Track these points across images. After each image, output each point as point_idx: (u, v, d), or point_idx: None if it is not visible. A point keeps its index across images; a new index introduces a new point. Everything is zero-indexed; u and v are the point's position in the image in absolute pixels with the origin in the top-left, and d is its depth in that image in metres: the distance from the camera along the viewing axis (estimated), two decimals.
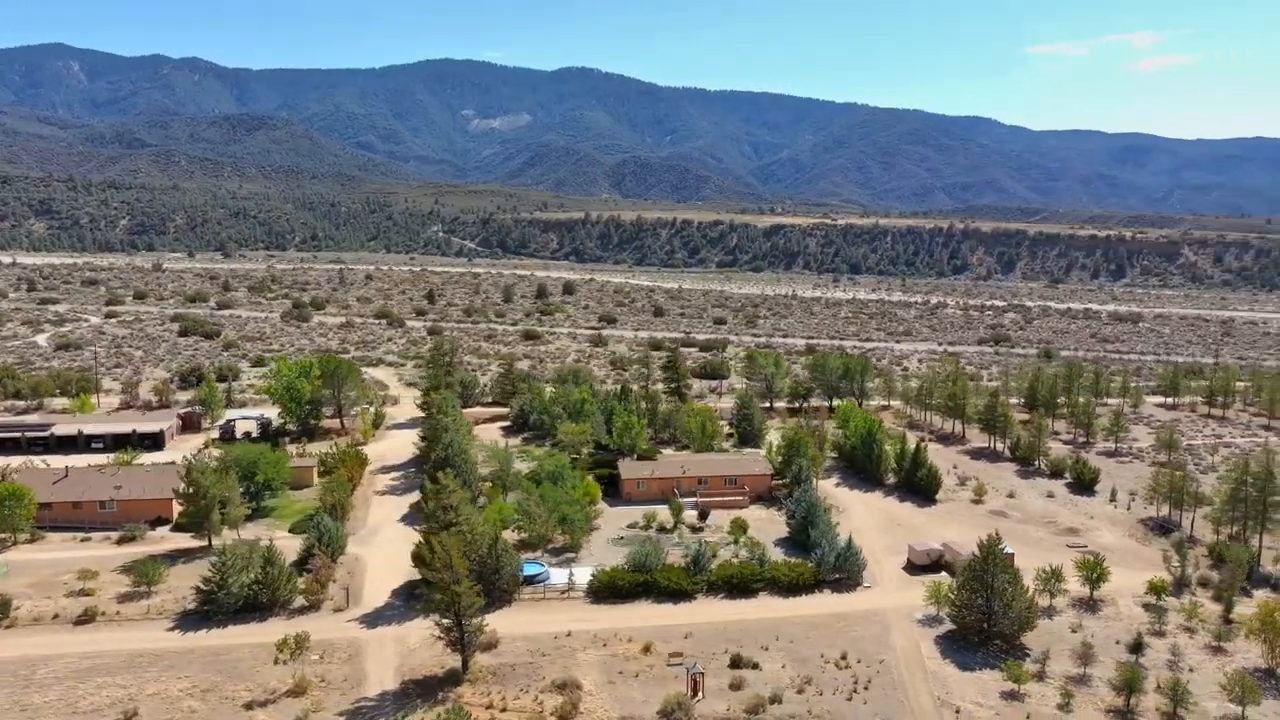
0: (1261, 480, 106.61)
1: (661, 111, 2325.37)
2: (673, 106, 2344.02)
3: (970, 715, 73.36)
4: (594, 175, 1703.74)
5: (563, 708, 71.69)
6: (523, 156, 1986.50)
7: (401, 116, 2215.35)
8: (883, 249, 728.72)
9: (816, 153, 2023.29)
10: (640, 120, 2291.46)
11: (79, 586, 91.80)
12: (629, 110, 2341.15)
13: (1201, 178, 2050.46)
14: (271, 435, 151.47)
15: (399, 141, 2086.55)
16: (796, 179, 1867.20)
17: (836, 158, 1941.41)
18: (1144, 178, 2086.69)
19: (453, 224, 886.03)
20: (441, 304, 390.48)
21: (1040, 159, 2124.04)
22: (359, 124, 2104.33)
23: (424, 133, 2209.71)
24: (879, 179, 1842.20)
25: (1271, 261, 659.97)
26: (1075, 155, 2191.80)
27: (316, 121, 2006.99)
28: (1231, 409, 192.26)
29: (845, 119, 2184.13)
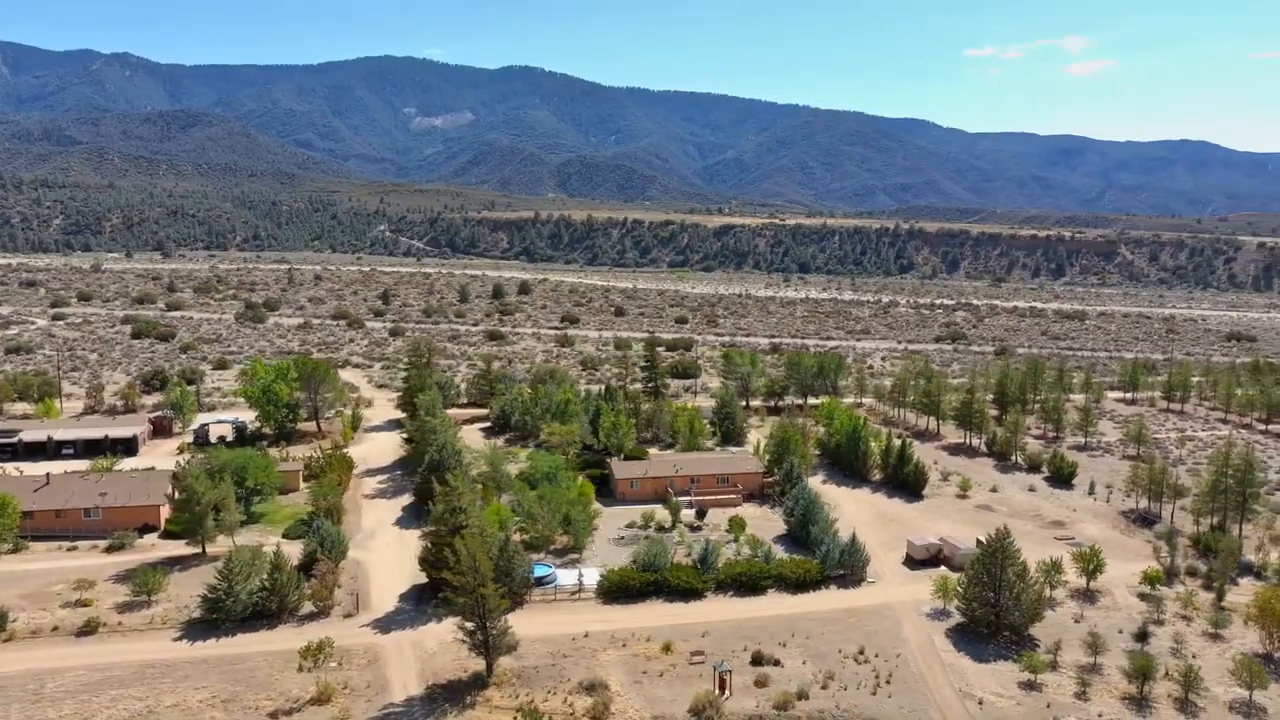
0: (1241, 472, 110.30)
1: (605, 111, 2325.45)
2: (617, 106, 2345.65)
3: (993, 706, 74.81)
4: (539, 174, 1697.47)
5: (594, 708, 71.48)
6: (466, 155, 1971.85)
7: (341, 114, 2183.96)
8: (831, 249, 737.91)
9: (760, 153, 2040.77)
10: (584, 120, 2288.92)
11: (75, 597, 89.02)
12: (573, 110, 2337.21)
13: (1131, 178, 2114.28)
14: (247, 439, 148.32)
15: (339, 139, 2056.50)
16: (741, 179, 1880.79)
17: (780, 158, 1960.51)
18: (1076, 179, 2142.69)
19: (399, 223, 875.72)
20: (397, 304, 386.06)
21: (977, 160, 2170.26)
22: (297, 121, 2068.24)
23: (365, 131, 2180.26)
24: (822, 179, 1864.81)
25: (1204, 260, 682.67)
26: (1010, 157, 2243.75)
27: (253, 119, 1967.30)
28: (1188, 403, 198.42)
29: (788, 120, 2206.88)
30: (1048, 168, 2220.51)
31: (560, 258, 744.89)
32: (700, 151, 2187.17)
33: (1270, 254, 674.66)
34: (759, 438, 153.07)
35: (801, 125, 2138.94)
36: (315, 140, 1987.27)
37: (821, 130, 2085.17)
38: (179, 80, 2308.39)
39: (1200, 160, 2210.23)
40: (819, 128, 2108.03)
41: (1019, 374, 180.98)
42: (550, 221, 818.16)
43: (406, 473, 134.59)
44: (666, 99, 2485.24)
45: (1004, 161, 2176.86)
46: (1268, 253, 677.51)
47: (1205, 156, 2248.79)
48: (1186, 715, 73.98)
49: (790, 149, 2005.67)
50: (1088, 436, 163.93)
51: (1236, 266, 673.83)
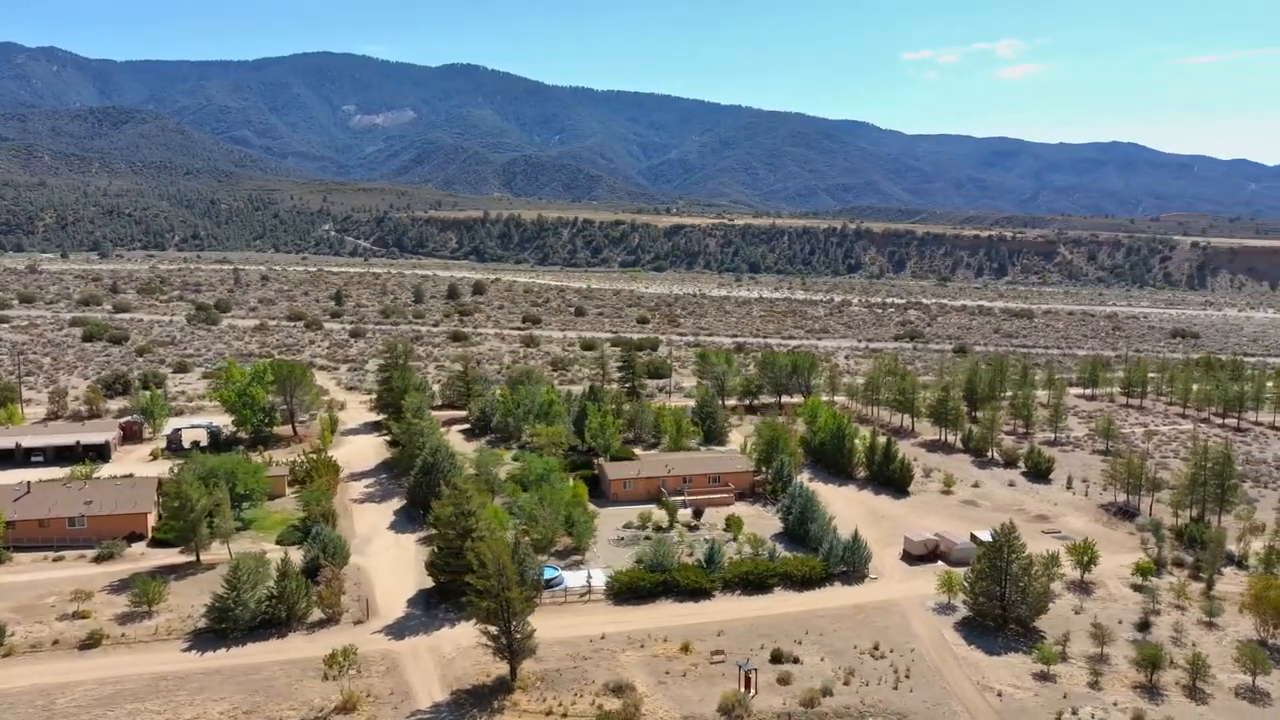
0: (1219, 465, 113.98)
1: (549, 110, 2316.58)
2: (561, 106, 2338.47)
3: (1011, 698, 76.34)
4: (484, 174, 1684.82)
5: (625, 710, 71.36)
6: (409, 154, 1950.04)
7: (278, 111, 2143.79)
8: (780, 249, 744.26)
9: (704, 154, 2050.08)
10: (528, 119, 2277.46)
11: (72, 609, 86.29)
12: (517, 108, 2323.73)
13: (1064, 180, 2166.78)
14: (222, 444, 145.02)
15: (276, 137, 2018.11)
16: (686, 179, 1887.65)
17: (724, 159, 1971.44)
18: (1011, 180, 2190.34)
19: (345, 223, 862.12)
20: (350, 305, 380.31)
21: (916, 162, 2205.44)
22: (233, 118, 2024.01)
23: (303, 128, 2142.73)
24: (765, 180, 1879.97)
25: (1141, 259, 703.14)
26: (948, 158, 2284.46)
27: (187, 115, 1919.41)
28: (1146, 399, 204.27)
29: (731, 121, 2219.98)
30: (984, 169, 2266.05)
31: (511, 257, 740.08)
32: (645, 151, 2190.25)
33: (1203, 253, 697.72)
34: (742, 437, 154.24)
35: (744, 126, 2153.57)
36: (252, 138, 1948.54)
37: (764, 131, 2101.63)
38: (109, 76, 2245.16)
39: (1129, 162, 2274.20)
40: (762, 129, 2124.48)
41: (989, 372, 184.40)
42: (500, 221, 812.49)
43: (392, 476, 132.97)
44: (610, 99, 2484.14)
45: (942, 163, 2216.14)
46: (1201, 252, 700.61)
47: (1134, 158, 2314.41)
48: (1195, 702, 76.31)
49: (734, 150, 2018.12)
50: (1057, 432, 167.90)
51: (1171, 265, 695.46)
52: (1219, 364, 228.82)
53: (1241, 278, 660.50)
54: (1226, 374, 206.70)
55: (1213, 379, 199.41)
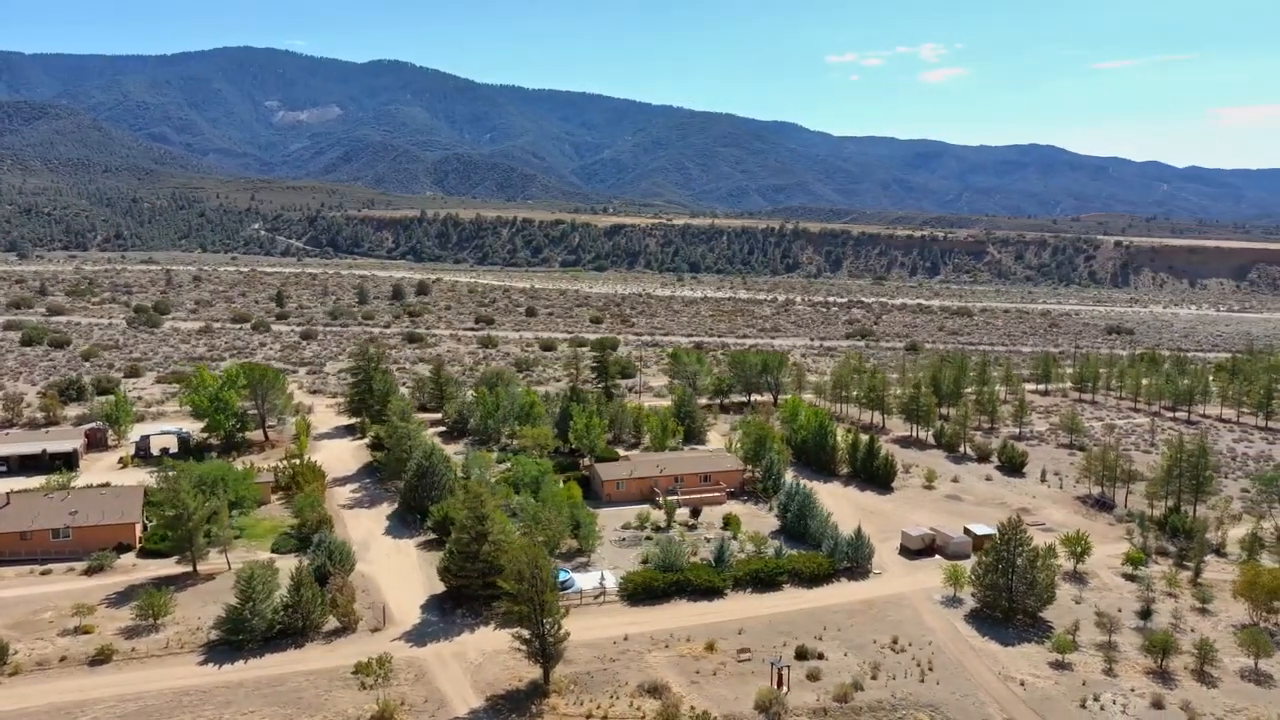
0: (1195, 457, 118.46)
1: (480, 109, 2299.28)
2: (491, 104, 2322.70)
3: (1034, 687, 78.31)
4: (415, 172, 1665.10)
5: (666, 710, 71.36)
6: (336, 151, 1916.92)
7: (198, 107, 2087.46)
8: (719, 248, 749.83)
9: (637, 154, 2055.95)
10: (459, 117, 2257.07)
11: (73, 624, 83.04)
12: (447, 106, 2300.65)
13: (985, 181, 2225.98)
14: (193, 451, 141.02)
15: (196, 133, 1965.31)
16: (619, 179, 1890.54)
17: (657, 159, 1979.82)
18: (935, 181, 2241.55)
19: (275, 222, 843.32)
20: (292, 306, 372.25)
21: (843, 163, 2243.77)
22: (151, 114, 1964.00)
23: (224, 124, 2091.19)
24: (698, 180, 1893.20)
25: (1066, 258, 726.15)
26: (874, 160, 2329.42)
27: (103, 111, 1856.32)
28: (1098, 394, 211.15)
29: (663, 121, 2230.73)
30: (909, 171, 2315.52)
31: (449, 257, 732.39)
32: (577, 151, 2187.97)
33: (1126, 252, 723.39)
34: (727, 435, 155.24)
35: (676, 127, 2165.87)
36: (171, 134, 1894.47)
37: (696, 132, 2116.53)
38: (18, 69, 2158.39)
39: (1048, 164, 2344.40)
40: (693, 129, 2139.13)
41: (953, 369, 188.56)
42: (437, 220, 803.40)
43: (377, 481, 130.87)
44: (542, 97, 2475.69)
45: (869, 164, 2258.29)
46: (1124, 251, 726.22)
47: (1052, 160, 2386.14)
48: (1205, 685, 79.26)
49: (666, 150, 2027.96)
50: (1022, 427, 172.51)
51: (1096, 264, 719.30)
52: (1161, 359, 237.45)
53: (1163, 276, 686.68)
54: (1174, 369, 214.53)
55: (1161, 374, 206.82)
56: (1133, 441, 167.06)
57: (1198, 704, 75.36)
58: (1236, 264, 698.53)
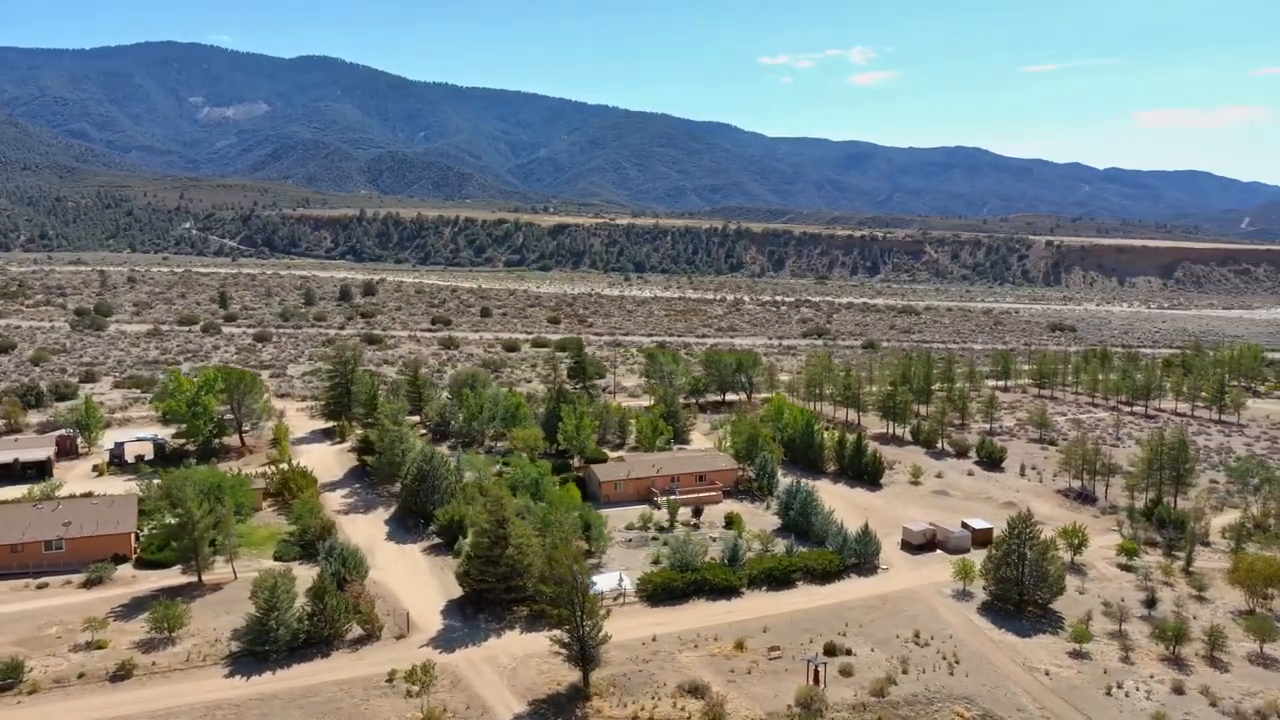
0: (1176, 450, 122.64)
1: (413, 107, 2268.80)
2: (425, 102, 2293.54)
3: (1059, 676, 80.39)
4: (348, 170, 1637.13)
5: (711, 710, 71.64)
6: (264, 149, 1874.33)
7: (119, 103, 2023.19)
8: (664, 248, 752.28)
9: (573, 153, 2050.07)
10: (391, 115, 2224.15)
11: (84, 639, 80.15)
12: (379, 104, 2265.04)
13: (914, 182, 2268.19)
14: (169, 457, 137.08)
15: (118, 130, 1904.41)
16: (556, 179, 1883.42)
17: (593, 158, 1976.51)
18: (866, 182, 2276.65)
19: (207, 221, 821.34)
20: (236, 308, 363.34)
21: (777, 164, 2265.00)
22: (70, 110, 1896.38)
23: (147, 121, 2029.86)
24: (636, 180, 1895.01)
25: (1000, 258, 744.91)
26: (808, 161, 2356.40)
27: (19, 106, 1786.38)
28: (1057, 389, 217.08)
29: (599, 120, 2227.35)
30: (841, 171, 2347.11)
31: (390, 257, 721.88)
32: (513, 150, 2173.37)
33: (1057, 251, 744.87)
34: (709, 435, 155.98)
35: (612, 126, 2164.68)
36: (91, 131, 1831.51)
37: (632, 131, 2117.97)
38: None
39: (974, 165, 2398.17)
40: (629, 129, 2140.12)
41: (922, 367, 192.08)
42: (377, 220, 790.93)
43: (368, 485, 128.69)
44: (476, 95, 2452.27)
45: (802, 165, 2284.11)
46: (1055, 250, 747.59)
47: (978, 162, 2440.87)
48: (1218, 670, 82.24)
49: (603, 149, 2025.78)
50: (993, 423, 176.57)
51: (1029, 263, 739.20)
52: (1111, 356, 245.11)
53: (1093, 274, 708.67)
54: (1128, 366, 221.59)
55: (1118, 371, 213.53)
56: (1098, 436, 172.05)
57: (1215, 688, 78.16)
58: (1162, 263, 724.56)
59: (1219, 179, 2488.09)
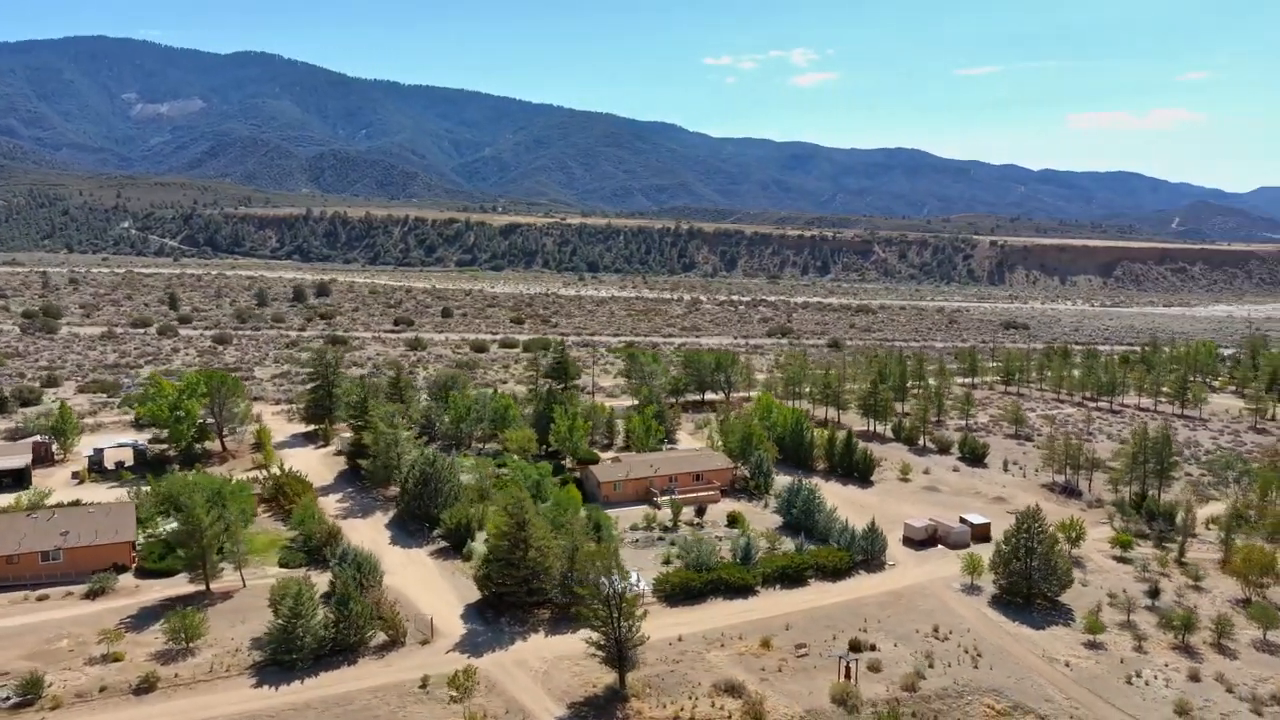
0: (1159, 444, 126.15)
1: (354, 104, 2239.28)
2: (366, 99, 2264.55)
3: (1079, 667, 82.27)
4: (288, 168, 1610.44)
5: (751, 708, 71.96)
6: (201, 146, 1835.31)
7: (49, 99, 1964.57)
8: (617, 248, 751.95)
9: (519, 152, 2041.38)
10: (332, 112, 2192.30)
11: (98, 652, 77.69)
12: (318, 100, 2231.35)
13: (856, 183, 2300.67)
14: (150, 464, 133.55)
15: (48, 127, 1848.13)
16: (501, 178, 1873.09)
17: (539, 157, 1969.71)
18: (810, 182, 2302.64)
19: (146, 220, 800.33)
20: (187, 309, 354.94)
21: (723, 164, 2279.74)
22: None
23: (78, 118, 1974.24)
24: (582, 179, 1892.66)
25: (946, 257, 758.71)
26: (752, 161, 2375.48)
27: None
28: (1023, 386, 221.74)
29: (544, 120, 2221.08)
30: (785, 172, 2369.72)
31: (338, 257, 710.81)
32: (458, 149, 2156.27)
33: (1001, 251, 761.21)
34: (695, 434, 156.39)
35: (558, 126, 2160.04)
36: (18, 127, 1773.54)
37: (577, 131, 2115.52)
38: None
39: (914, 166, 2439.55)
40: (575, 128, 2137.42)
41: (898, 365, 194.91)
42: (324, 219, 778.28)
43: (362, 489, 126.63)
44: (419, 93, 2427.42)
45: (747, 165, 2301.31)
46: (999, 250, 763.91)
47: (918, 163, 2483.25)
48: (1227, 657, 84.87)
49: (549, 149, 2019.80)
50: (968, 419, 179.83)
51: (974, 263, 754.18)
52: (1071, 353, 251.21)
53: (1035, 273, 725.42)
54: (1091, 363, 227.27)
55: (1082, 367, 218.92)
56: (1069, 432, 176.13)
57: (1228, 675, 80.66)
58: (1102, 262, 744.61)
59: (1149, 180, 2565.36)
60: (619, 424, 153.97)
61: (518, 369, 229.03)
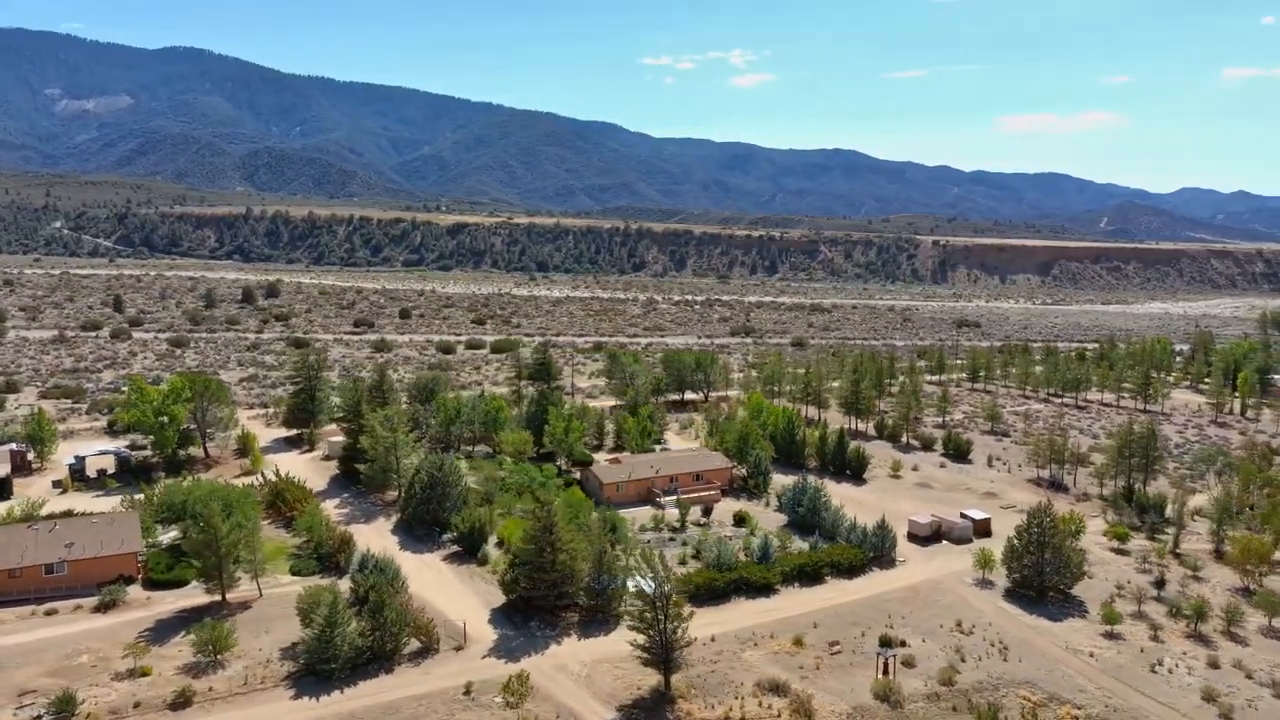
0: (1145, 439, 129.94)
1: (288, 100, 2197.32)
2: (300, 96, 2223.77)
3: (1102, 657, 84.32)
4: (221, 166, 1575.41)
5: (802, 706, 72.42)
6: (129, 143, 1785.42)
7: None
8: (566, 248, 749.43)
9: (459, 151, 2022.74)
10: (265, 109, 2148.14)
11: (124, 667, 75.23)
12: (251, 97, 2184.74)
13: (796, 183, 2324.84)
14: (133, 471, 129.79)
15: None
16: (442, 177, 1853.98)
17: (480, 156, 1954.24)
18: (750, 183, 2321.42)
19: (78, 220, 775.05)
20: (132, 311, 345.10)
21: (664, 164, 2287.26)
22: None
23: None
24: (524, 179, 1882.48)
25: (890, 257, 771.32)
26: (693, 161, 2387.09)
27: None
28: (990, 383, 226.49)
29: (484, 118, 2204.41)
30: (725, 172, 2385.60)
31: (281, 257, 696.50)
32: (396, 147, 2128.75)
33: (943, 251, 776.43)
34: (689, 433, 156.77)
35: (498, 124, 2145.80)
36: None
37: (518, 130, 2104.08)
38: None
39: (851, 167, 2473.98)
40: (515, 127, 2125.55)
41: (872, 364, 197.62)
42: (265, 218, 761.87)
43: (357, 494, 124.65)
44: (355, 90, 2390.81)
45: (689, 165, 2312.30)
46: (941, 250, 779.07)
47: (855, 164, 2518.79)
48: (1238, 644, 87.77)
49: (489, 148, 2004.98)
50: (945, 416, 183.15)
51: (917, 262, 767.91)
52: (1030, 350, 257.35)
53: (976, 272, 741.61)
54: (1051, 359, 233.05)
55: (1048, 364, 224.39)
56: (1044, 428, 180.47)
57: (1245, 662, 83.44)
58: (1040, 261, 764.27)
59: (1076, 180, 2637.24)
60: (609, 424, 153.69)
61: (489, 370, 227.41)
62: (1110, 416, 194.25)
